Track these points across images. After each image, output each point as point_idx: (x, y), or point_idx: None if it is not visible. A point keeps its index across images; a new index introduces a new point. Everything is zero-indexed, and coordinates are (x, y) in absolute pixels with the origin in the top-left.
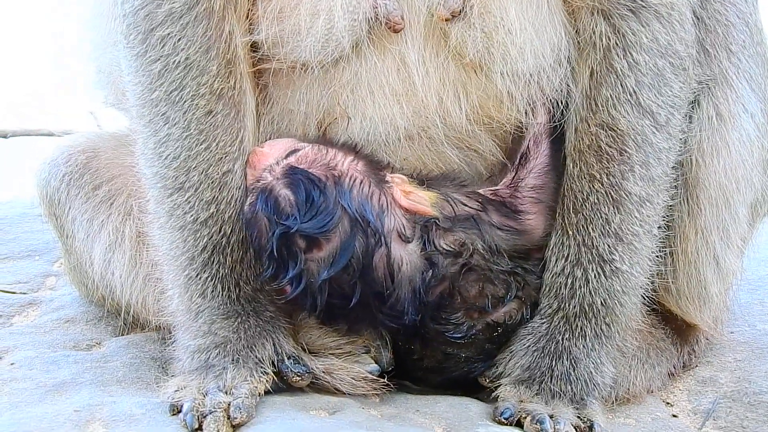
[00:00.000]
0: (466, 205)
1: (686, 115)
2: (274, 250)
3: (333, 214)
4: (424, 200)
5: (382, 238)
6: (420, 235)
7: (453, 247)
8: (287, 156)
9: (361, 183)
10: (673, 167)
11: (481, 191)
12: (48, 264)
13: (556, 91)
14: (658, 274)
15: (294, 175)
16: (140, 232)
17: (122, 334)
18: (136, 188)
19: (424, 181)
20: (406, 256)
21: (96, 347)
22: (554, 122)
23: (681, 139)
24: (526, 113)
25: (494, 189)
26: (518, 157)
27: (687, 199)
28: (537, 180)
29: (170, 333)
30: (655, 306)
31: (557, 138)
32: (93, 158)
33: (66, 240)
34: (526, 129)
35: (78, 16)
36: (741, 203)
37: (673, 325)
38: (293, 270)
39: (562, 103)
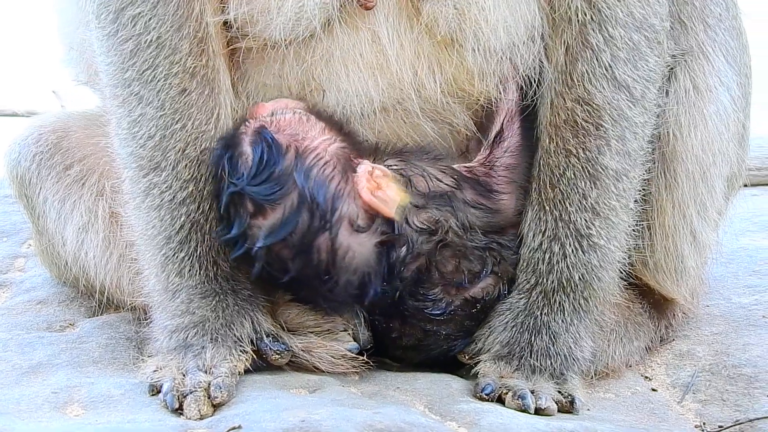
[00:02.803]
0: (441, 181)
1: (661, 89)
2: (223, 206)
3: (283, 185)
4: (391, 200)
5: (328, 223)
6: (376, 228)
7: (427, 224)
8: (270, 115)
9: (324, 164)
10: (649, 141)
11: (455, 167)
12: (16, 245)
13: (530, 67)
14: (635, 248)
15: (258, 136)
16: (113, 212)
17: (96, 315)
18: (109, 168)
19: (400, 153)
20: (355, 245)
21: (70, 328)
22: (527, 100)
23: (656, 113)
24: (499, 89)
25: (469, 166)
26: (493, 136)
27: (664, 172)
28: (511, 159)
29: (146, 313)
30: (632, 280)
31: (529, 116)
32: (64, 138)
33: (37, 221)
34: (499, 105)
35: None
36: (717, 176)
37: (650, 300)
38: (236, 230)
39: (534, 80)
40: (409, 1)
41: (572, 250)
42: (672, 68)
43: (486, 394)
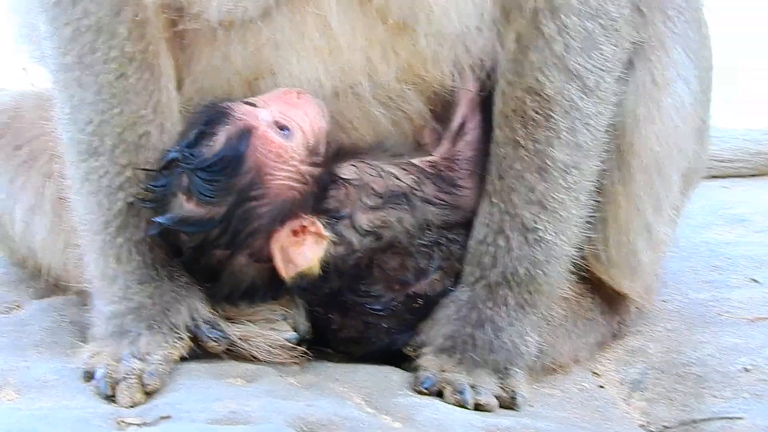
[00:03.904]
0: (399, 180)
1: (619, 79)
2: (165, 160)
3: (219, 196)
4: (297, 264)
5: (232, 246)
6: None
7: (375, 227)
8: (278, 126)
9: (264, 205)
10: (605, 131)
11: (416, 162)
12: None
13: (486, 54)
14: (588, 242)
15: (239, 139)
16: (62, 195)
17: (43, 297)
18: (58, 150)
19: (359, 152)
20: (247, 268)
21: (16, 310)
22: (486, 91)
23: (613, 102)
24: (454, 76)
25: (430, 160)
26: (454, 128)
27: (619, 165)
28: (473, 152)
29: (90, 298)
30: (584, 274)
31: (490, 107)
32: (15, 118)
33: None
34: (457, 95)
35: None
36: (674, 171)
37: (602, 294)
38: (159, 184)
39: (492, 69)
40: None
41: (517, 244)
42: (630, 59)
43: (425, 388)
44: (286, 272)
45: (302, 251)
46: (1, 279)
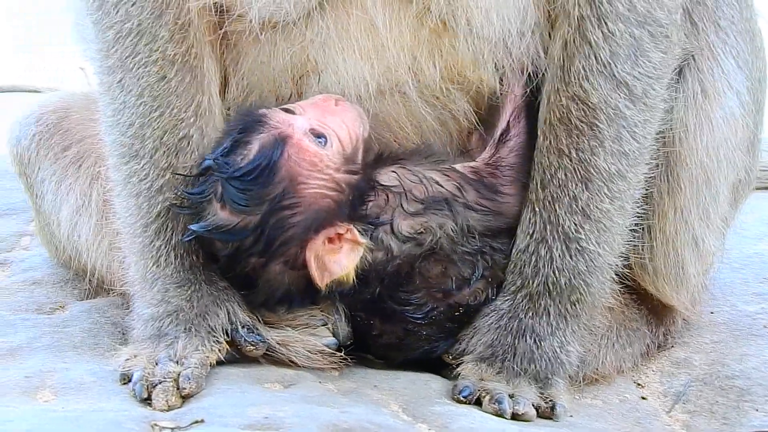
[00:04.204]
0: (441, 186)
1: (669, 86)
2: (201, 168)
3: (252, 205)
4: (333, 271)
5: (267, 254)
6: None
7: (415, 233)
8: (313, 134)
9: (298, 213)
10: (654, 139)
11: (458, 168)
12: (24, 223)
13: (529, 58)
14: (634, 251)
15: (273, 148)
16: (107, 196)
17: (88, 298)
18: (103, 152)
19: (400, 157)
20: (283, 275)
21: (59, 311)
22: (532, 96)
23: (662, 109)
24: (497, 78)
25: (473, 166)
26: (498, 134)
27: (667, 176)
28: (517, 159)
29: (130, 301)
30: (629, 284)
31: (536, 114)
32: (64, 118)
33: (35, 200)
34: (502, 98)
35: None
36: (722, 183)
37: (648, 305)
38: (195, 192)
39: (538, 76)
40: None
41: (559, 254)
42: (680, 68)
43: (464, 397)
44: (320, 280)
45: (338, 259)
46: (47, 280)
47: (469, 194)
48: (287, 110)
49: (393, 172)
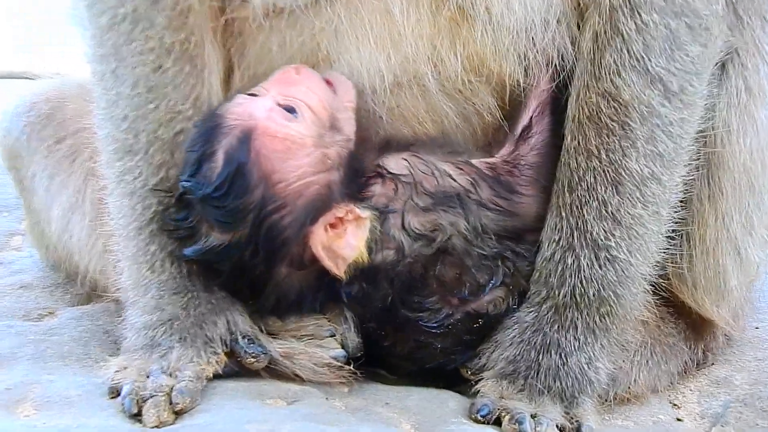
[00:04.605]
0: (453, 179)
1: (710, 82)
2: (179, 193)
3: (236, 220)
4: (346, 255)
5: (268, 262)
6: (318, 267)
7: (426, 230)
8: (282, 107)
9: (287, 213)
10: (693, 139)
11: (474, 162)
12: (16, 221)
13: (556, 50)
14: (671, 261)
15: (239, 149)
16: (102, 194)
17: (79, 304)
18: (97, 146)
19: (410, 145)
20: (291, 278)
21: (48, 317)
22: (558, 92)
23: (701, 107)
24: (522, 71)
25: (490, 162)
26: (519, 130)
27: (708, 181)
28: (537, 158)
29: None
30: (666, 296)
31: (561, 111)
32: (58, 108)
33: (26, 196)
34: (526, 92)
35: None
36: (767, 189)
37: (686, 319)
38: (180, 218)
39: (566, 65)
40: None
41: (587, 263)
42: (723, 64)
43: (482, 416)
44: (337, 269)
45: (346, 242)
46: (37, 283)
47: (483, 191)
48: (250, 95)
49: (404, 160)
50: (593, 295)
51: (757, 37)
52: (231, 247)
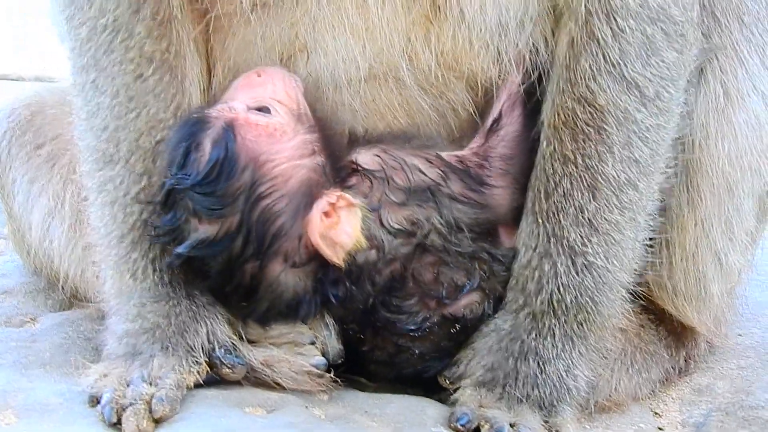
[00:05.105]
0: (424, 173)
1: (686, 89)
2: (164, 192)
3: (227, 204)
4: (343, 242)
5: (261, 255)
6: (315, 266)
7: (404, 225)
8: (255, 109)
9: (279, 197)
10: (669, 146)
11: (444, 156)
12: (0, 225)
13: (528, 49)
14: (651, 269)
15: (224, 138)
16: (82, 199)
17: (61, 310)
18: (78, 157)
19: (380, 140)
20: (285, 277)
21: (29, 324)
22: (530, 86)
23: (677, 113)
24: (495, 68)
25: (459, 154)
26: (490, 122)
27: (686, 186)
28: (508, 149)
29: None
30: (646, 303)
31: (533, 105)
32: (38, 114)
33: (7, 202)
34: (500, 89)
35: None
36: (747, 194)
37: (667, 326)
38: (168, 222)
39: (539, 64)
40: None
41: (564, 270)
42: (701, 68)
43: (461, 425)
44: (336, 257)
45: (341, 229)
46: (18, 289)
47: (453, 184)
48: (220, 103)
49: (376, 156)
50: (570, 302)
51: (735, 39)
52: (221, 237)
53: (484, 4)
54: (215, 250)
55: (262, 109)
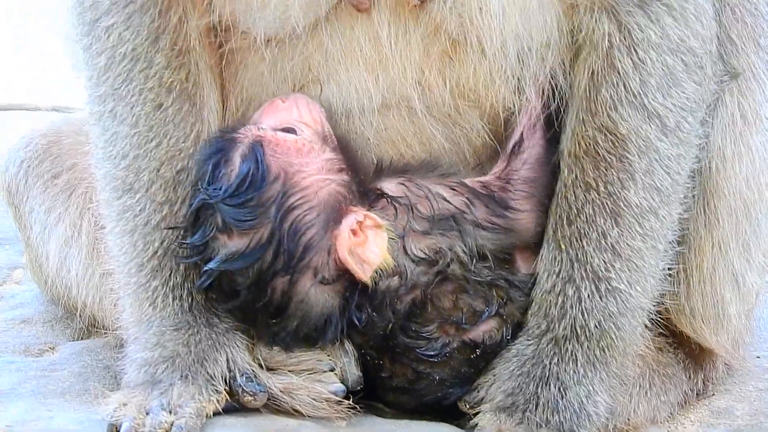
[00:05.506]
0: (448, 201)
1: (704, 121)
2: (193, 209)
3: (258, 216)
4: (371, 260)
5: (291, 269)
6: (344, 284)
7: (427, 254)
8: (280, 129)
9: (309, 208)
10: (689, 176)
11: (467, 182)
12: (18, 254)
13: (547, 81)
14: (669, 290)
15: (251, 150)
16: (99, 228)
17: (79, 338)
18: (95, 185)
19: (405, 169)
20: (314, 295)
21: (48, 352)
22: (550, 109)
23: (696, 145)
24: (513, 98)
25: (483, 180)
26: (511, 145)
27: (704, 208)
28: (531, 172)
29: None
30: (664, 326)
31: (553, 126)
32: (54, 144)
33: (24, 231)
34: (519, 114)
35: None
36: (764, 216)
37: (685, 349)
38: (198, 238)
39: (558, 88)
40: (407, 7)
41: (588, 294)
42: (718, 96)
43: None
44: (363, 274)
45: (369, 247)
46: (37, 318)
47: (478, 210)
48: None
49: (401, 184)
50: (594, 327)
51: (752, 62)
52: (252, 249)
53: (505, 42)
54: (246, 262)
55: (288, 130)
